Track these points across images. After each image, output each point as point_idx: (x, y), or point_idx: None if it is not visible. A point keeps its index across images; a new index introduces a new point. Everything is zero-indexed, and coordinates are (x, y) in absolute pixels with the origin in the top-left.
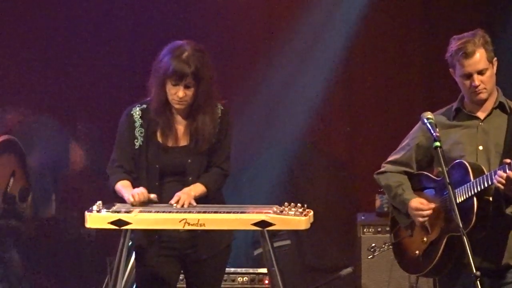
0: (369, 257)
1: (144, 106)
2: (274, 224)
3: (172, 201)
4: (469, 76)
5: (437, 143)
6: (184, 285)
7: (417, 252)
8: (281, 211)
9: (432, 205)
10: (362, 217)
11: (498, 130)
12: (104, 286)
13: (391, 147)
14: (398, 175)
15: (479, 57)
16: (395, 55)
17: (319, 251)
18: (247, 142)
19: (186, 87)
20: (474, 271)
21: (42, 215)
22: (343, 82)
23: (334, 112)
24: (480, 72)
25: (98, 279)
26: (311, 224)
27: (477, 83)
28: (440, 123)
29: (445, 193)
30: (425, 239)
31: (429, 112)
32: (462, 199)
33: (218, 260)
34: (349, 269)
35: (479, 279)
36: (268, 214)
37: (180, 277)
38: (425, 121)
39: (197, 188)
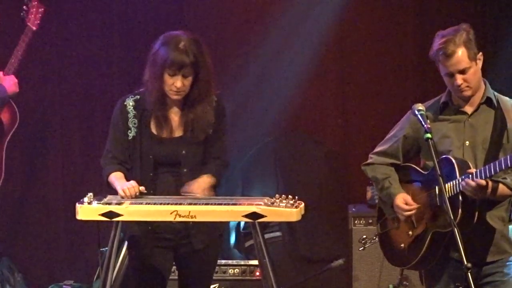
0: (360, 249)
1: (138, 96)
2: (265, 216)
3: (184, 190)
4: (451, 75)
5: (428, 135)
6: (176, 277)
7: (402, 245)
8: (272, 203)
9: (415, 205)
10: (353, 209)
11: (485, 125)
12: (95, 277)
13: (383, 139)
14: (385, 167)
15: (460, 57)
16: (388, 48)
17: (311, 242)
18: (239, 133)
19: (184, 77)
20: (465, 262)
21: None
22: (336, 73)
23: (327, 104)
24: (462, 72)
25: (90, 270)
26: (303, 215)
27: (459, 82)
28: (429, 117)
29: (432, 189)
30: (410, 232)
31: (420, 104)
32: (448, 195)
33: (212, 250)
34: (340, 261)
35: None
36: (259, 206)
37: (172, 269)
38: (416, 112)
39: (207, 180)
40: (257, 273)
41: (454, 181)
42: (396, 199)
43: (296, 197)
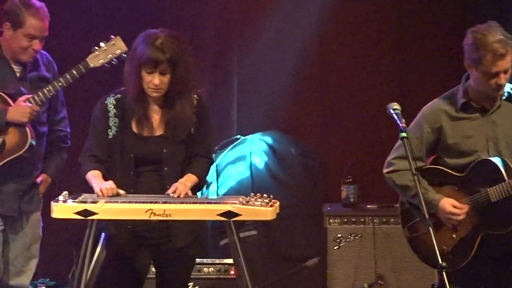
0: (335, 248)
1: (119, 95)
2: (241, 215)
3: (170, 191)
4: (495, 75)
5: (404, 134)
6: (153, 276)
7: (445, 247)
8: (247, 202)
9: (466, 209)
10: (328, 208)
11: (506, 120)
12: (70, 276)
13: (360, 138)
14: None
15: (509, 57)
16: (366, 47)
17: (286, 241)
18: (217, 131)
19: (162, 74)
20: (440, 261)
21: None
22: (314, 72)
23: (305, 103)
24: (506, 71)
25: (65, 268)
26: (278, 214)
27: (503, 81)
28: (447, 114)
29: (475, 191)
30: (454, 236)
31: (395, 103)
32: (498, 198)
33: (192, 250)
34: (315, 260)
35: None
36: (234, 204)
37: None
38: (392, 111)
39: (191, 179)
40: (232, 272)
41: (503, 184)
42: (443, 204)
43: (271, 196)
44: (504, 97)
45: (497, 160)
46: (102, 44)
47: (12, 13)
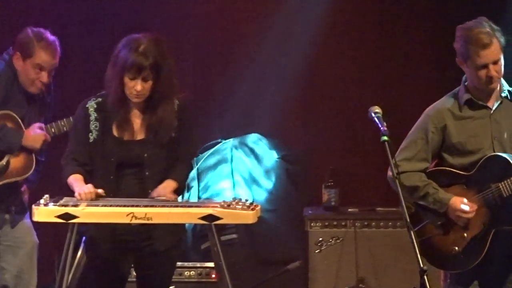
0: (316, 251)
1: (100, 99)
2: (222, 218)
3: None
4: (484, 66)
5: (385, 137)
6: (134, 279)
7: (456, 248)
8: (229, 205)
9: (476, 206)
10: (310, 211)
11: (508, 119)
12: (51, 280)
13: (341, 142)
14: (420, 174)
15: (494, 48)
16: (348, 50)
17: (268, 245)
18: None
19: (144, 80)
20: (421, 265)
21: None
22: (297, 75)
23: (286, 106)
24: (495, 62)
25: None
26: (260, 217)
27: (493, 73)
28: (451, 113)
29: (485, 188)
30: (465, 235)
31: (376, 106)
32: (511, 192)
33: (173, 253)
34: (296, 263)
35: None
36: (215, 208)
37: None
38: (373, 115)
39: (171, 185)
40: (213, 276)
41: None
42: (454, 203)
43: (253, 199)
44: (504, 95)
45: (506, 155)
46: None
47: (24, 43)
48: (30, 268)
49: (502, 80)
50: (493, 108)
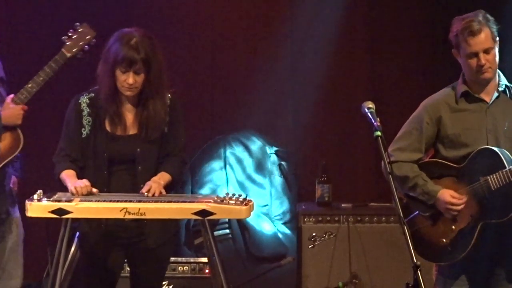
0: (309, 247)
1: (92, 94)
2: (215, 213)
3: (144, 190)
4: (475, 54)
5: (378, 133)
6: (127, 274)
7: (444, 240)
8: (222, 200)
9: (464, 198)
10: (303, 207)
11: (505, 114)
12: (44, 275)
13: (334, 137)
14: (411, 165)
15: (485, 35)
16: (338, 47)
17: (261, 240)
18: (188, 130)
19: (136, 73)
20: (415, 261)
21: None
22: (287, 72)
23: (279, 102)
24: (486, 51)
25: (39, 268)
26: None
27: (483, 62)
28: (448, 105)
29: (474, 181)
30: (453, 227)
31: (370, 101)
32: (499, 185)
33: (166, 249)
34: (289, 258)
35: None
36: (208, 203)
37: (123, 266)
38: (366, 110)
39: (165, 177)
40: (207, 271)
41: (503, 171)
42: (442, 195)
43: (246, 195)
44: (501, 89)
45: (497, 149)
46: (70, 33)
47: None
48: (15, 259)
49: (500, 75)
50: (490, 102)
